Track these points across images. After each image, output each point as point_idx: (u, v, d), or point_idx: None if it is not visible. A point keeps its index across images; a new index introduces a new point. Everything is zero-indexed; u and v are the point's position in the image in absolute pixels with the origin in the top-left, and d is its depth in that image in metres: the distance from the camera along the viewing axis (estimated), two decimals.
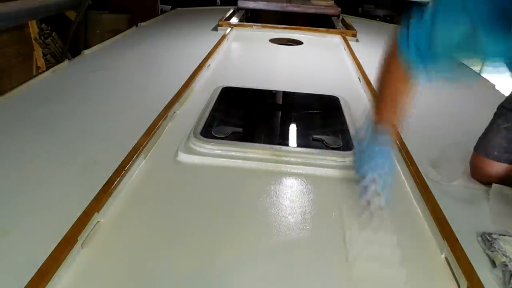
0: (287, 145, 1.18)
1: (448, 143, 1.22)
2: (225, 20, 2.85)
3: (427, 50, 0.81)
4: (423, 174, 1.02)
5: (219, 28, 2.69)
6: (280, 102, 1.59)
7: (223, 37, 2.36)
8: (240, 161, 1.07)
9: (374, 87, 1.26)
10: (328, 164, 1.07)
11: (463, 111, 1.60)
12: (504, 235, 0.84)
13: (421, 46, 0.82)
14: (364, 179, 0.90)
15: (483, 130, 1.12)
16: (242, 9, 3.43)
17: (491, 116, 1.17)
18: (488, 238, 0.83)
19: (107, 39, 2.29)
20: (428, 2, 0.82)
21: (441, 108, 1.62)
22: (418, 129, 1.38)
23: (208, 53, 1.97)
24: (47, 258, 0.68)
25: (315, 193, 0.98)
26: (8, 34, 3.21)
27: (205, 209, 0.90)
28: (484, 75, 1.95)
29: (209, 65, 1.87)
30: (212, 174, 1.03)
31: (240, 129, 1.21)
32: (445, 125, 1.46)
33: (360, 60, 2.02)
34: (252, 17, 3.54)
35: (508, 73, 0.84)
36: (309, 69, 2.04)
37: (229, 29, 2.60)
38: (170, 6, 4.19)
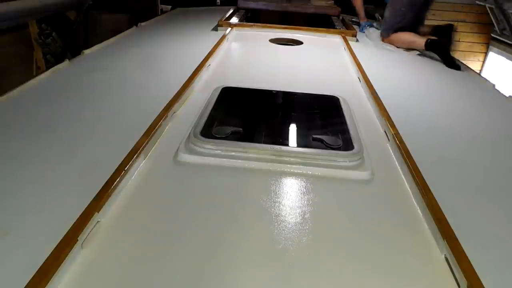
0: (287, 145, 1.18)
1: None
2: (225, 20, 2.85)
3: None
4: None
5: (219, 28, 2.69)
6: (280, 102, 1.59)
7: (223, 37, 2.36)
8: (240, 161, 1.07)
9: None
10: (328, 164, 1.07)
11: (463, 111, 1.60)
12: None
13: None
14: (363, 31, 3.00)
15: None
16: (242, 9, 3.43)
17: (490, 116, 1.18)
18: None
19: (107, 39, 2.29)
20: None
21: (442, 107, 1.63)
22: (418, 129, 1.38)
23: (208, 53, 1.97)
24: (47, 258, 0.68)
25: (315, 193, 0.98)
26: (8, 34, 3.21)
27: (205, 209, 0.90)
28: (483, 74, 1.96)
29: (209, 65, 1.87)
30: (212, 174, 1.03)
31: (240, 129, 1.21)
32: (445, 125, 1.47)
33: (360, 60, 2.02)
34: (252, 17, 3.54)
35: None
36: (309, 69, 2.04)
37: (229, 29, 2.60)
38: (170, 6, 4.20)
